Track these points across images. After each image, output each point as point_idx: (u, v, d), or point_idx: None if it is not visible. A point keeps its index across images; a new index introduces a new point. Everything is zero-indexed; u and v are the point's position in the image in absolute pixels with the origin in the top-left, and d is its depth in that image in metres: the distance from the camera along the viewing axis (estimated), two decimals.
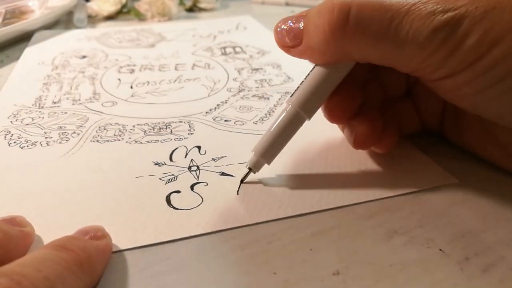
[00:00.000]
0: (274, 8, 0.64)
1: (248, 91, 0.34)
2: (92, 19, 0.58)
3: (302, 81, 0.21)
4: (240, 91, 0.34)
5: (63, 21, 0.57)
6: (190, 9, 0.63)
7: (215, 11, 0.63)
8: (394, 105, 0.26)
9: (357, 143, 0.23)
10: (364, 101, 0.23)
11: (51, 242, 0.17)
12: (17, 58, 0.43)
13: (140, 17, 0.58)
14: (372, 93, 0.24)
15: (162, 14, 0.57)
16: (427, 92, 0.24)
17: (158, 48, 0.46)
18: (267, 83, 0.36)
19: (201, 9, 0.63)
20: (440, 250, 0.18)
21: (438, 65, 0.19)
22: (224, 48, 0.45)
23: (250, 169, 0.22)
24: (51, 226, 0.20)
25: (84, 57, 0.43)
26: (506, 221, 0.20)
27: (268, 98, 0.33)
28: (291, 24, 0.21)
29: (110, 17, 0.59)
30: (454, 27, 0.17)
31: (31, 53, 0.45)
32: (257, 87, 0.35)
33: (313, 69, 0.21)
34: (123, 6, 0.59)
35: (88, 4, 0.60)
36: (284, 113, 0.22)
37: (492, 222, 0.20)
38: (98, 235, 0.18)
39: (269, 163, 0.22)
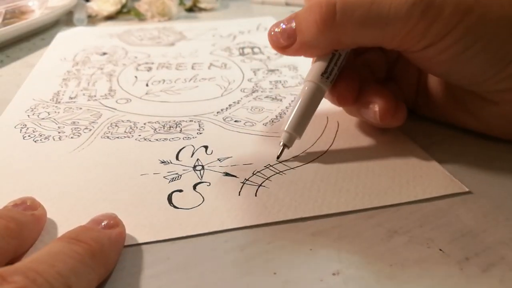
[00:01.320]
0: (274, 8, 0.64)
1: (262, 92, 0.34)
2: (92, 19, 0.58)
3: (312, 64, 0.24)
4: (253, 92, 0.34)
5: (63, 21, 0.57)
6: (190, 9, 0.63)
7: (215, 11, 0.63)
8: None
9: (383, 115, 0.24)
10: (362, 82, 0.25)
11: (64, 234, 0.17)
12: (17, 58, 0.43)
13: (140, 17, 0.58)
14: (365, 75, 0.26)
15: (162, 14, 0.57)
16: (403, 72, 0.28)
17: (177, 46, 0.46)
18: (282, 84, 0.35)
19: (201, 9, 0.63)
20: (440, 250, 0.18)
21: (420, 36, 0.21)
22: (243, 48, 0.45)
23: (284, 145, 0.24)
24: (52, 220, 0.20)
25: (104, 53, 0.44)
26: (506, 221, 0.20)
27: (281, 100, 0.32)
28: (284, 26, 0.23)
29: (110, 17, 0.59)
30: (430, 0, 0.20)
31: (55, 49, 0.45)
32: (271, 88, 0.35)
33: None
34: (123, 6, 0.59)
35: (88, 4, 0.60)
36: (306, 88, 0.24)
37: (492, 222, 0.20)
38: (111, 223, 0.18)
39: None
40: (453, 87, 0.25)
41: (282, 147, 0.24)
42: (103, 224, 0.18)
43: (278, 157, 0.24)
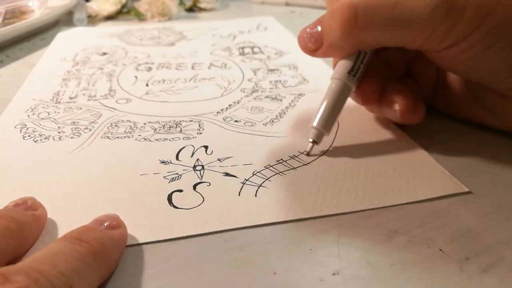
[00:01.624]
0: (274, 8, 0.64)
1: (262, 91, 0.34)
2: (92, 19, 0.58)
3: (339, 61, 0.25)
4: (253, 92, 0.34)
5: (63, 21, 0.57)
6: (190, 9, 0.63)
7: (215, 11, 0.63)
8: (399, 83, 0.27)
9: (404, 114, 0.25)
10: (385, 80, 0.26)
11: (67, 233, 0.17)
12: (17, 58, 0.43)
13: (140, 17, 0.58)
14: (385, 73, 0.27)
15: (162, 14, 0.57)
16: (422, 69, 0.28)
17: (177, 46, 0.46)
18: (282, 84, 0.35)
19: (201, 9, 0.63)
20: (440, 250, 0.18)
21: (443, 38, 0.21)
22: (243, 48, 0.45)
23: (314, 142, 0.24)
24: (52, 220, 0.20)
25: (104, 54, 0.44)
26: (506, 221, 0.20)
27: (281, 100, 0.32)
28: (310, 30, 0.24)
29: (110, 17, 0.59)
30: (453, 2, 0.20)
31: (54, 49, 0.45)
32: (271, 88, 0.35)
33: None
34: (123, 6, 0.59)
35: (88, 4, 0.60)
36: (333, 86, 0.24)
37: (492, 222, 0.20)
38: (113, 224, 0.18)
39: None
40: (472, 84, 0.26)
41: (311, 144, 0.24)
42: (105, 224, 0.18)
43: (308, 153, 0.25)
